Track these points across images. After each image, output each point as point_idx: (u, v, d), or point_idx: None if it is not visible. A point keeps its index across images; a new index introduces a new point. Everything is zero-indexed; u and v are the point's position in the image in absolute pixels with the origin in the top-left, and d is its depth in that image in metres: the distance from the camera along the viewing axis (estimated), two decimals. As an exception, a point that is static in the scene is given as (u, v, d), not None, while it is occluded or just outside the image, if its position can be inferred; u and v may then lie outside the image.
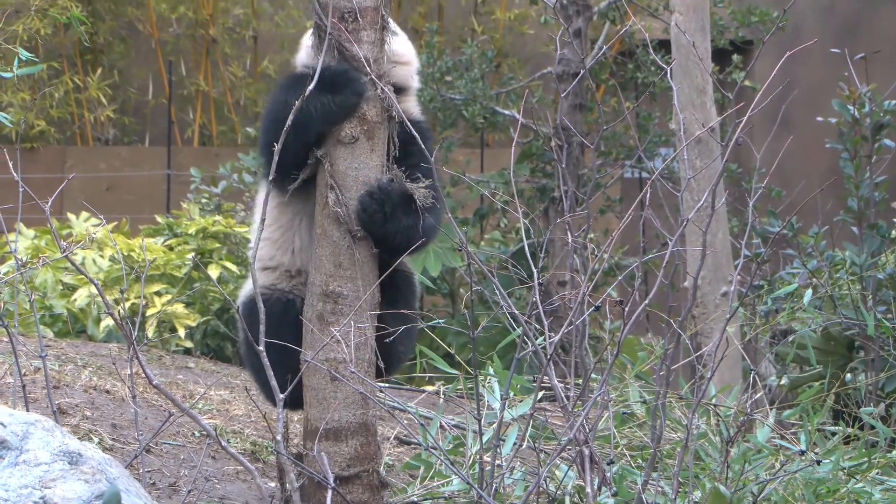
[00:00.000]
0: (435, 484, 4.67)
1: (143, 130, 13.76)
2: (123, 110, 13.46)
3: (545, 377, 3.98)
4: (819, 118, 7.59)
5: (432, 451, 4.45)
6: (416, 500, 4.65)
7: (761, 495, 4.29)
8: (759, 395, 5.42)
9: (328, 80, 4.33)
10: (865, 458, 4.86)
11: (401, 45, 4.69)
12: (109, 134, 13.32)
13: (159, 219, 8.79)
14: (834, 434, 5.49)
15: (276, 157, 4.23)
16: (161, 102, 13.43)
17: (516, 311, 4.09)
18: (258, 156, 5.63)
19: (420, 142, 4.37)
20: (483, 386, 5.05)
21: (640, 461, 4.85)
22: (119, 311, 5.62)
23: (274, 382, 4.08)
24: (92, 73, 12.96)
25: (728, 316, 4.40)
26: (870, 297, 6.68)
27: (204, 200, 9.35)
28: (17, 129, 11.93)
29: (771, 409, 5.49)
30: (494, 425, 4.23)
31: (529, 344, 4.07)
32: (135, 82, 13.68)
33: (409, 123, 4.37)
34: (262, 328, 4.11)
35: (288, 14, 13.42)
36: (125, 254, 7.89)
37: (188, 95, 13.59)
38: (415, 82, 4.84)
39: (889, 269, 6.81)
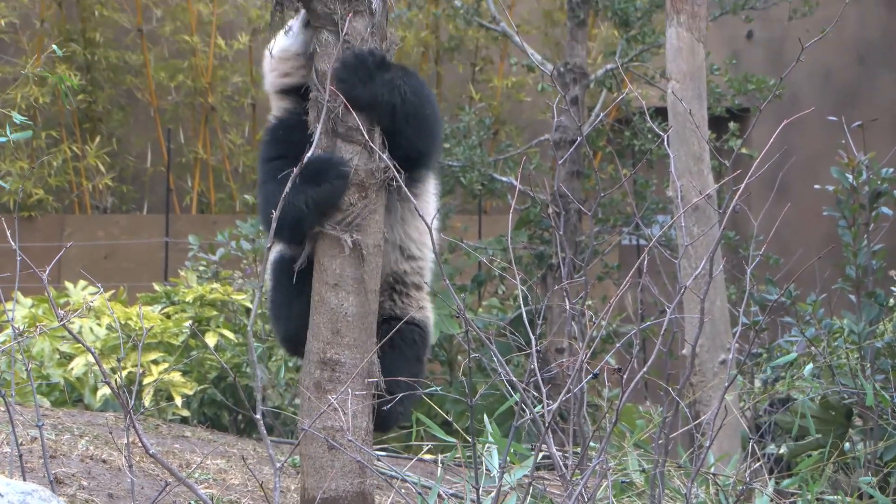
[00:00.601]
0: (433, 553, 4.63)
1: (142, 198, 13.78)
2: (122, 178, 13.48)
3: (543, 445, 3.96)
4: (817, 186, 7.60)
5: (430, 520, 4.42)
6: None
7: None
8: (758, 464, 5.39)
9: (313, 171, 4.37)
10: (866, 527, 4.83)
11: None
12: (108, 202, 13.33)
13: (157, 287, 8.77)
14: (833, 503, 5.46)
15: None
16: (159, 170, 13.46)
17: (514, 379, 4.07)
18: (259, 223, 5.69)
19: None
20: (481, 454, 5.02)
21: (639, 530, 4.82)
22: (116, 380, 5.60)
23: None
24: (90, 142, 13.00)
25: (726, 384, 4.38)
26: (868, 365, 6.65)
27: (202, 268, 9.33)
28: (15, 197, 11.94)
29: (770, 479, 5.46)
30: (493, 494, 4.20)
31: (527, 411, 4.05)
32: (133, 150, 13.71)
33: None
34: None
35: (286, 82, 13.47)
36: (122, 322, 7.86)
37: (186, 163, 13.62)
38: None
39: (887, 337, 6.78)
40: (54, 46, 5.47)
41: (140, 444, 3.89)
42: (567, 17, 10.47)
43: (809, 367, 6.53)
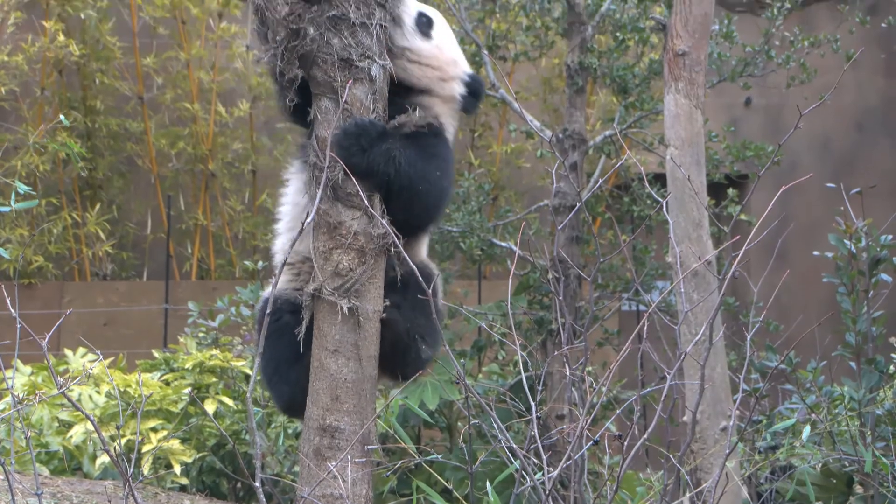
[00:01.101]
0: None
1: (142, 265, 13.79)
2: (122, 245, 13.50)
3: (544, 513, 3.94)
4: (816, 252, 7.61)
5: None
6: None
7: None
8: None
9: None
10: None
11: (427, 45, 5.02)
12: (108, 269, 13.33)
13: (156, 353, 8.75)
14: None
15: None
16: (160, 237, 13.48)
17: (514, 446, 4.06)
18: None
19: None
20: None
21: None
22: (115, 448, 5.58)
23: None
24: (91, 209, 13.02)
25: (727, 451, 4.37)
26: (868, 433, 6.63)
27: (201, 334, 9.33)
28: (15, 265, 11.95)
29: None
30: (493, 562, 4.18)
31: (528, 479, 4.03)
32: (133, 217, 13.73)
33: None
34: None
35: (286, 148, 13.54)
36: (122, 389, 7.84)
37: (187, 229, 13.64)
38: (448, 89, 5.14)
39: (887, 404, 6.77)
40: (61, 117, 5.51)
41: (138, 513, 3.87)
42: (565, 84, 10.52)
43: (807, 429, 6.50)
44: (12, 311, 4.15)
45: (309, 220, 4.32)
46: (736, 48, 10.87)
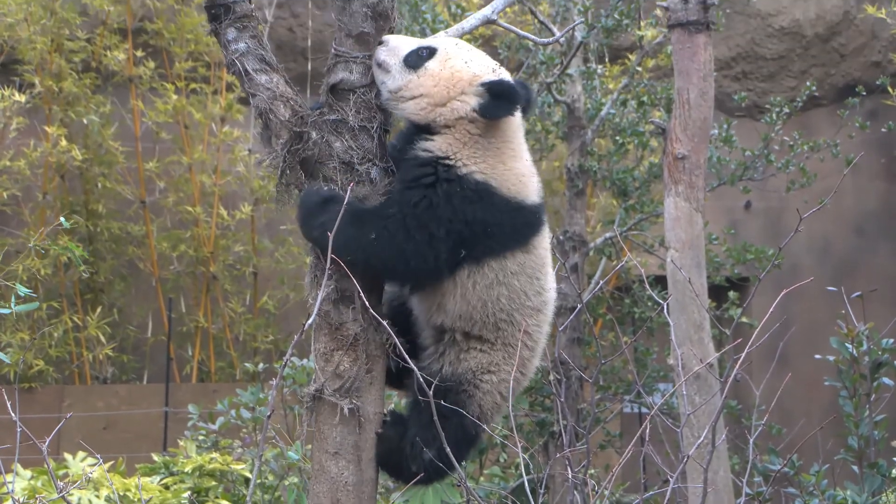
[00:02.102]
0: None
1: (142, 368, 13.75)
2: (122, 348, 13.47)
3: None
4: (818, 356, 7.60)
5: None
6: None
7: None
8: None
9: None
10: None
11: (413, 76, 4.57)
12: (108, 372, 13.29)
13: (156, 457, 8.70)
14: None
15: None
16: (160, 339, 13.46)
17: (517, 550, 4.03)
18: None
19: None
20: None
21: None
22: (113, 552, 5.53)
23: None
24: (91, 312, 13.01)
25: (732, 554, 4.33)
26: (872, 535, 6.58)
27: (201, 437, 9.28)
28: (15, 369, 11.92)
29: None
30: None
31: (530, 584, 4.00)
32: (134, 320, 13.72)
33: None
34: None
35: (288, 250, 13.57)
36: (121, 494, 7.78)
37: (187, 332, 13.62)
38: (452, 110, 4.55)
39: (890, 508, 6.73)
40: (62, 219, 5.53)
41: None
42: (566, 186, 10.59)
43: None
44: (13, 415, 4.14)
45: (310, 321, 4.31)
46: (735, 152, 10.96)
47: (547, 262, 4.76)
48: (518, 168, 4.61)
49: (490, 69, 4.59)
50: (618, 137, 10.53)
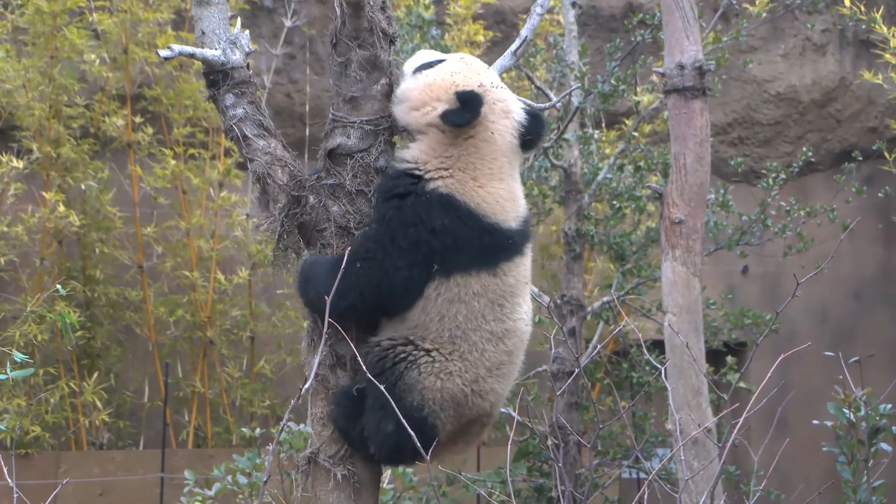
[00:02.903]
0: None
1: (138, 434, 13.69)
2: (119, 414, 13.41)
3: None
4: (816, 421, 7.58)
5: None
6: None
7: None
8: None
9: None
10: None
11: (405, 84, 4.65)
12: (104, 438, 13.23)
13: (151, 523, 8.66)
14: None
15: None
16: (157, 405, 13.40)
17: None
18: None
19: None
20: None
21: None
22: None
23: None
24: (88, 378, 12.96)
25: None
26: None
27: (197, 503, 9.23)
28: (12, 435, 11.86)
29: None
30: None
31: None
32: (131, 385, 13.68)
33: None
34: None
35: (285, 315, 13.55)
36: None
37: (184, 397, 13.58)
38: (424, 115, 4.56)
39: (890, 574, 6.68)
40: (58, 286, 5.53)
41: None
42: (563, 250, 10.61)
43: None
44: (9, 481, 4.12)
45: (306, 386, 4.30)
46: (732, 217, 10.98)
47: (518, 292, 4.75)
48: (496, 189, 4.59)
49: (478, 83, 4.57)
50: (615, 202, 10.56)
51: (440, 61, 4.66)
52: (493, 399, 4.68)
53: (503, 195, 4.63)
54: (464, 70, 4.62)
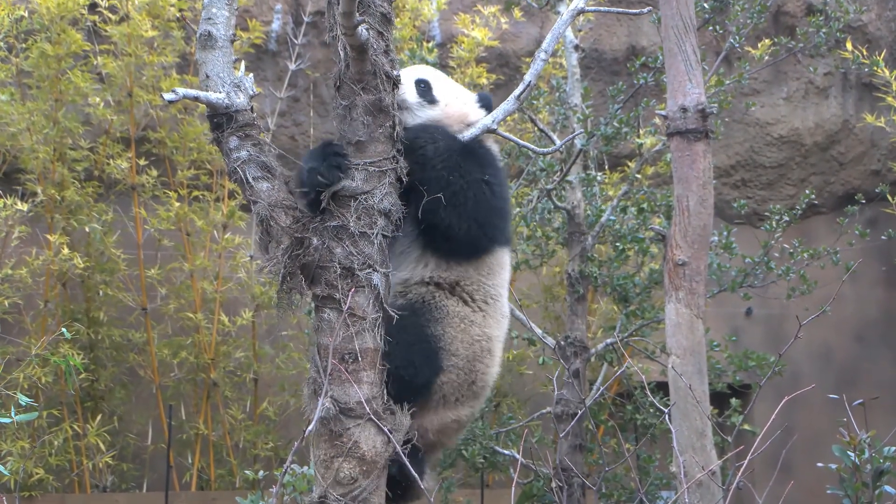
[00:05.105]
0: None
1: (142, 476, 13.66)
2: (122, 456, 13.38)
3: None
4: (820, 464, 7.56)
5: None
6: None
7: None
8: None
9: None
10: None
11: (435, 111, 5.28)
12: (108, 481, 13.19)
13: (154, 566, 8.64)
14: None
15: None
16: (160, 447, 13.38)
17: None
18: None
19: None
20: None
21: None
22: None
23: None
24: (91, 420, 12.94)
25: None
26: None
27: (200, 546, 9.22)
28: (16, 477, 11.84)
29: None
30: None
31: None
32: (134, 428, 13.65)
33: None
34: None
35: (289, 356, 13.54)
36: None
37: (187, 439, 13.55)
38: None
39: None
40: (63, 330, 5.55)
41: None
42: (567, 292, 10.61)
43: None
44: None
45: (310, 428, 4.31)
46: (736, 259, 10.99)
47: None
48: None
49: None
50: (618, 244, 10.57)
51: (427, 81, 5.40)
52: (484, 375, 5.24)
53: None
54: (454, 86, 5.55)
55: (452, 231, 4.92)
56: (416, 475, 4.42)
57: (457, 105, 5.33)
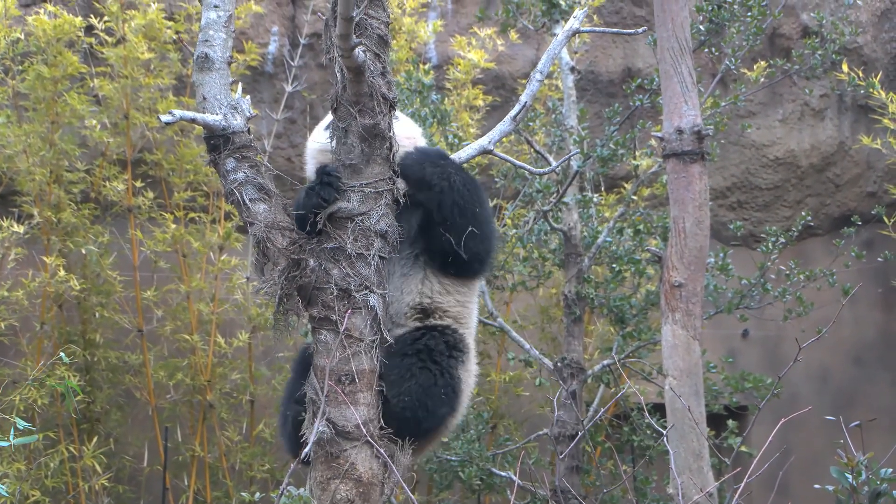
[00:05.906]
0: None
1: (138, 498, 13.62)
2: (118, 478, 13.35)
3: None
4: (817, 485, 7.54)
5: None
6: None
7: None
8: None
9: None
10: None
11: (403, 127, 5.33)
12: (104, 503, 13.16)
13: (150, 589, 8.61)
14: None
15: None
16: (156, 469, 13.34)
17: None
18: None
19: None
20: None
21: None
22: None
23: None
24: (88, 442, 12.91)
25: None
26: None
27: (195, 571, 9.19)
28: (12, 500, 11.80)
29: None
30: None
31: None
32: (130, 450, 13.62)
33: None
34: None
35: (285, 378, 13.44)
36: None
37: (183, 461, 13.52)
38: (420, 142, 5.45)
39: None
40: (61, 354, 5.54)
41: None
42: (563, 313, 10.61)
43: None
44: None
45: (307, 450, 4.30)
46: (732, 280, 10.99)
47: None
48: None
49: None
50: (614, 265, 10.58)
51: None
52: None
53: None
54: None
55: (474, 254, 5.03)
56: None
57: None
